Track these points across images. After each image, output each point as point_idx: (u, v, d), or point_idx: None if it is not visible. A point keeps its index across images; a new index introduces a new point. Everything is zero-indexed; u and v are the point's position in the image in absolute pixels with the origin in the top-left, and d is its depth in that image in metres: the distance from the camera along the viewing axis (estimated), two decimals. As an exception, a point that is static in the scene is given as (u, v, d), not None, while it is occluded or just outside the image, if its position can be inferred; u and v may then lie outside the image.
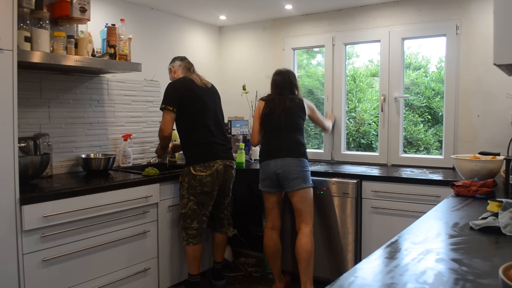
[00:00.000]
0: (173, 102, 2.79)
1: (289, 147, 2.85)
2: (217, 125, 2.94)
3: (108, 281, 2.54)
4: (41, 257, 2.20)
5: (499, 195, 2.04)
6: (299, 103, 2.99)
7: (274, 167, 2.83)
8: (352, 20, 3.63)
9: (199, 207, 2.81)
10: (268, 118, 2.95)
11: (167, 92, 2.85)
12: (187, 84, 2.86)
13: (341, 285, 0.98)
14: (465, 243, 1.31)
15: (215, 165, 2.81)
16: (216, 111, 2.98)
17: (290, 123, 2.91)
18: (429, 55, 4.19)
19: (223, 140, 2.94)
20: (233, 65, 4.32)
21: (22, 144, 2.55)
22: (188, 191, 2.79)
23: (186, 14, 3.88)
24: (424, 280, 1.00)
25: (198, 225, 2.82)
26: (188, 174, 2.78)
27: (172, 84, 2.88)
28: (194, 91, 2.85)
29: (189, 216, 2.80)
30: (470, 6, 3.12)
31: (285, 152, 2.83)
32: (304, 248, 2.79)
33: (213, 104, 2.96)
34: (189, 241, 2.82)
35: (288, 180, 2.80)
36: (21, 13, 2.31)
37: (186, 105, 2.81)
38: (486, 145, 3.06)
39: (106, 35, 2.89)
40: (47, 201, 2.21)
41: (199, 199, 2.79)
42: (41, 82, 2.84)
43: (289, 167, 2.80)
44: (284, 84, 3.00)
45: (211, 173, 2.78)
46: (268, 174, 2.87)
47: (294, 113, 2.94)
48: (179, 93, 2.80)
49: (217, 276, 3.09)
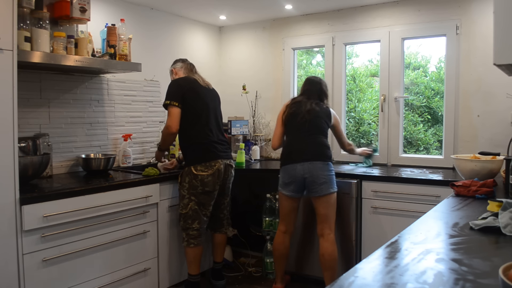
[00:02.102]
0: (177, 98, 2.76)
1: (316, 150, 2.77)
2: (217, 125, 2.94)
3: (108, 281, 2.54)
4: (41, 257, 2.20)
5: (499, 195, 2.04)
6: (325, 110, 2.93)
7: (302, 171, 2.73)
8: (352, 20, 3.63)
9: (200, 207, 2.80)
10: (292, 119, 2.87)
11: (171, 88, 2.82)
12: (190, 83, 2.86)
13: (341, 285, 0.98)
14: (465, 243, 1.31)
15: (216, 165, 2.79)
16: (216, 112, 2.98)
17: (315, 125, 2.83)
18: (428, 55, 4.19)
19: (223, 140, 2.94)
20: (233, 65, 4.32)
21: (22, 144, 2.55)
22: (189, 191, 2.77)
23: (186, 14, 3.88)
24: (424, 280, 1.00)
25: (199, 226, 2.81)
26: (189, 174, 2.77)
27: (176, 81, 2.87)
28: (196, 90, 2.84)
29: (190, 217, 2.79)
30: (470, 6, 3.12)
31: (312, 155, 2.74)
32: (333, 257, 2.74)
33: (214, 105, 2.96)
34: (189, 242, 2.80)
35: (316, 184, 2.72)
36: (21, 13, 2.31)
37: (189, 103, 2.80)
38: (486, 145, 3.06)
39: (106, 35, 2.89)
40: (47, 201, 2.21)
41: (200, 199, 2.78)
42: (41, 82, 2.84)
43: (317, 172, 2.71)
44: (313, 90, 2.95)
45: (212, 173, 2.77)
46: (294, 178, 2.76)
47: (320, 117, 2.86)
48: (182, 90, 2.79)
49: (217, 276, 3.08)
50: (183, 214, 2.80)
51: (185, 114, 2.80)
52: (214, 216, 3.02)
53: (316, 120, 2.84)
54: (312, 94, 2.94)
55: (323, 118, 2.87)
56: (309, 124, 2.82)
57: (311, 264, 3.15)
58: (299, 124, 2.83)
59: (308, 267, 3.16)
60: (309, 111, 2.83)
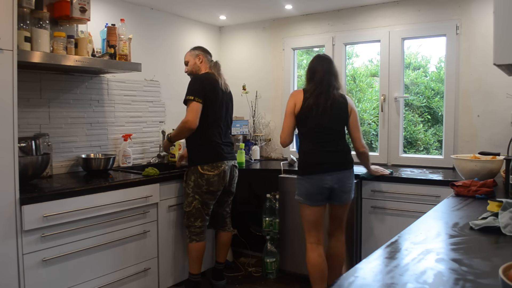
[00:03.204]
0: (201, 95, 2.73)
1: (342, 158, 2.55)
2: (227, 128, 2.98)
3: (108, 281, 2.54)
4: (41, 257, 2.20)
5: (499, 195, 2.04)
6: (344, 100, 2.58)
7: (330, 181, 2.50)
8: (352, 20, 3.63)
9: (203, 206, 2.83)
10: (310, 115, 2.52)
11: (195, 85, 2.78)
12: (212, 83, 2.85)
13: (341, 285, 0.98)
14: (465, 243, 1.31)
15: (222, 166, 2.82)
16: (228, 114, 2.99)
17: (336, 123, 2.56)
18: (428, 55, 4.19)
19: (229, 142, 2.97)
20: (233, 65, 4.32)
21: (22, 144, 2.55)
22: (193, 190, 2.80)
23: (186, 14, 3.88)
24: (424, 280, 1.00)
25: (201, 224, 2.85)
26: (195, 173, 2.79)
27: (200, 78, 2.84)
28: (217, 91, 2.85)
29: (193, 215, 2.82)
30: (470, 6, 3.12)
31: (340, 164, 2.53)
32: (342, 257, 2.72)
33: (227, 107, 2.97)
34: (192, 239, 2.84)
35: (342, 193, 2.56)
36: (21, 13, 2.31)
37: (208, 102, 2.78)
38: (486, 145, 3.06)
39: (106, 35, 2.89)
40: (47, 201, 2.21)
41: (204, 198, 2.81)
42: (41, 82, 2.84)
43: (344, 181, 2.54)
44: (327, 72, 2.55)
45: (218, 173, 2.80)
46: (322, 189, 2.51)
47: (340, 111, 2.56)
48: (205, 89, 2.77)
49: (217, 276, 3.09)
50: (187, 212, 2.83)
51: (203, 113, 2.78)
52: (217, 214, 3.05)
53: (337, 117, 2.55)
54: (327, 79, 2.54)
55: (343, 112, 2.57)
56: (330, 123, 2.53)
57: (311, 264, 3.14)
58: (319, 123, 2.52)
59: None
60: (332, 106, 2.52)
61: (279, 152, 4.04)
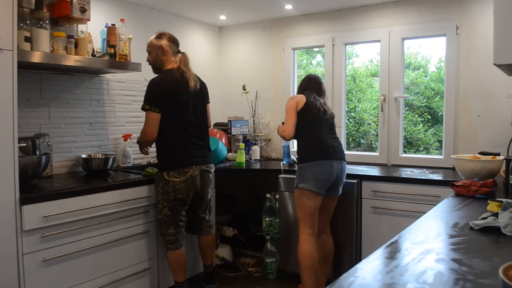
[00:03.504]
0: (158, 102, 2.57)
1: (341, 149, 2.77)
2: (198, 129, 2.75)
3: (108, 281, 2.54)
4: (41, 257, 2.20)
5: (499, 195, 2.04)
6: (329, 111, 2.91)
7: (337, 169, 2.68)
8: (352, 20, 3.63)
9: (173, 213, 2.69)
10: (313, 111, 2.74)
11: (151, 91, 2.59)
12: (172, 85, 2.62)
13: (341, 285, 0.98)
14: (465, 243, 1.31)
15: (189, 171, 2.64)
16: (197, 113, 2.75)
17: (333, 122, 2.84)
18: (428, 55, 4.19)
19: (201, 145, 2.75)
20: (233, 65, 4.32)
21: (22, 144, 2.55)
22: (162, 197, 2.66)
23: (186, 14, 3.88)
24: (424, 280, 1.00)
25: (175, 231, 2.70)
26: (162, 179, 2.64)
27: (156, 82, 2.61)
28: (178, 93, 2.63)
29: (164, 222, 2.68)
30: (470, 6, 3.12)
31: (342, 154, 2.75)
32: (333, 250, 2.90)
33: (196, 103, 2.74)
34: (168, 247, 2.70)
35: (340, 185, 2.75)
36: (21, 13, 2.31)
37: (168, 108, 2.60)
38: (486, 145, 3.06)
39: (106, 35, 2.89)
40: (47, 201, 2.21)
41: (173, 205, 2.66)
42: (41, 82, 2.84)
43: (344, 172, 2.75)
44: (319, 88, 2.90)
45: (185, 179, 2.63)
46: (331, 175, 2.65)
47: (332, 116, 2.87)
48: (163, 93, 2.58)
49: (208, 280, 3.00)
50: (159, 220, 2.71)
51: (163, 118, 2.62)
52: (192, 221, 2.91)
53: (332, 118, 2.85)
54: (319, 92, 2.88)
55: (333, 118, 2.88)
56: (329, 120, 2.79)
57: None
58: (322, 118, 2.76)
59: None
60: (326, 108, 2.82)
61: (279, 152, 4.04)
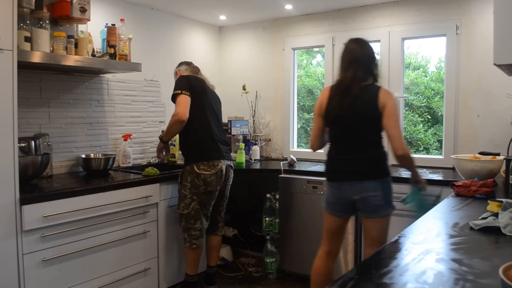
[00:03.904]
0: (187, 88, 2.71)
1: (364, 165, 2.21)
2: (219, 127, 2.92)
3: (108, 281, 2.54)
4: (41, 257, 2.20)
5: (499, 195, 2.04)
6: (371, 98, 2.18)
7: (350, 192, 2.23)
8: (352, 20, 3.63)
9: (202, 207, 2.76)
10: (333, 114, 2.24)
11: (180, 81, 2.77)
12: (199, 80, 2.86)
13: (341, 285, 0.98)
14: (465, 243, 1.31)
15: (219, 165, 2.75)
16: (219, 114, 2.98)
17: (364, 125, 2.21)
18: (428, 55, 4.19)
19: (225, 141, 2.92)
20: (233, 65, 4.32)
21: (22, 144, 2.55)
22: (191, 191, 2.72)
23: (186, 14, 3.88)
24: (424, 280, 1.00)
25: (201, 226, 2.78)
26: (191, 173, 2.71)
27: (185, 76, 2.84)
28: (204, 88, 2.85)
29: (192, 217, 2.74)
30: (470, 6, 3.12)
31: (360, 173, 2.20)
32: None
33: (216, 106, 2.95)
34: (192, 243, 2.75)
35: (365, 206, 2.23)
36: (21, 13, 2.31)
37: (196, 97, 2.75)
38: (486, 145, 3.06)
39: (106, 35, 2.89)
40: (47, 201, 2.21)
41: (202, 199, 2.74)
42: (41, 82, 2.84)
43: (366, 193, 2.20)
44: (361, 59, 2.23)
45: (215, 172, 2.72)
46: (340, 199, 2.28)
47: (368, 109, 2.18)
48: (191, 83, 2.76)
49: (209, 281, 3.03)
50: (185, 215, 2.74)
51: (191, 109, 2.71)
52: (211, 218, 2.95)
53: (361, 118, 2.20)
54: (352, 71, 2.22)
55: (369, 111, 2.18)
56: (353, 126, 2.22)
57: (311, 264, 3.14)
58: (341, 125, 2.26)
59: (308, 267, 3.16)
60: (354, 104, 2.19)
61: (279, 152, 4.04)
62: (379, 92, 2.20)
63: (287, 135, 3.99)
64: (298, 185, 3.17)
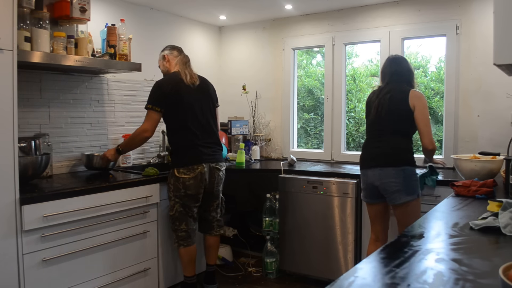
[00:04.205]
0: (160, 103, 2.70)
1: (387, 154, 2.49)
2: (204, 127, 2.81)
3: (108, 281, 2.54)
4: (41, 257, 2.20)
5: (499, 195, 2.04)
6: (403, 97, 2.50)
7: (372, 177, 2.52)
8: (352, 20, 3.63)
9: (185, 209, 2.76)
10: (367, 112, 2.64)
11: (154, 91, 2.74)
12: (175, 85, 2.74)
13: (341, 285, 0.98)
14: (465, 243, 1.31)
15: (199, 168, 2.72)
16: (204, 111, 2.83)
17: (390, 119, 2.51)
18: (428, 55, 4.19)
19: (210, 143, 2.83)
20: (233, 65, 4.32)
21: (22, 144, 2.55)
22: (174, 193, 2.73)
23: (186, 14, 3.88)
24: (424, 280, 1.00)
25: (187, 227, 2.77)
26: (173, 176, 2.73)
27: (160, 84, 2.76)
28: (180, 93, 2.74)
29: (177, 219, 2.76)
30: (470, 6, 3.12)
31: (383, 161, 2.48)
32: None
33: (200, 104, 2.82)
34: (180, 244, 2.78)
35: (386, 192, 2.49)
36: (21, 13, 2.31)
37: (171, 107, 2.72)
38: (486, 145, 3.06)
39: (106, 35, 2.89)
40: (47, 201, 2.21)
41: (184, 201, 2.73)
42: (41, 82, 2.84)
43: (386, 179, 2.46)
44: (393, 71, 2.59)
45: (194, 176, 2.70)
46: (366, 184, 2.59)
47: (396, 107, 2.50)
48: (165, 94, 2.71)
49: (209, 280, 3.02)
50: (171, 216, 2.78)
51: (169, 118, 2.76)
52: (203, 219, 2.95)
53: (393, 114, 2.51)
54: (394, 79, 2.58)
55: (401, 109, 2.50)
56: (382, 119, 2.54)
57: (311, 264, 3.15)
58: (372, 119, 2.60)
59: (309, 267, 3.17)
60: (381, 102, 2.53)
61: (279, 152, 4.04)
62: (410, 92, 2.52)
63: (287, 135, 3.99)
64: (298, 185, 3.17)
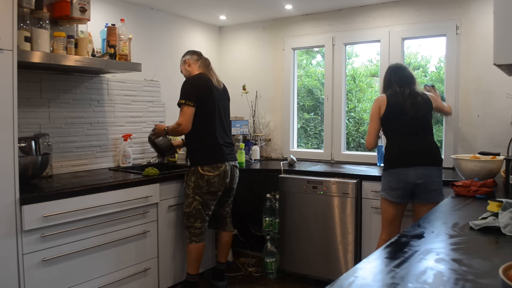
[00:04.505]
0: (193, 98, 2.75)
1: (429, 153, 2.59)
2: (224, 127, 2.95)
3: (108, 281, 2.54)
4: (41, 257, 2.20)
5: (499, 195, 2.04)
6: (425, 98, 2.70)
7: (414, 176, 2.54)
8: (352, 20, 3.63)
9: (204, 207, 2.82)
10: (394, 114, 2.65)
11: (186, 87, 2.81)
12: (205, 83, 2.85)
13: (341, 285, 0.98)
14: (465, 243, 1.31)
15: (222, 166, 2.82)
16: (225, 113, 2.98)
17: (422, 121, 2.64)
18: (428, 55, 4.19)
19: (229, 143, 2.96)
20: (233, 65, 4.32)
21: (22, 144, 2.55)
22: (194, 191, 2.79)
23: (186, 14, 3.88)
24: (424, 280, 1.00)
25: (201, 224, 2.84)
26: (196, 174, 2.79)
27: (191, 81, 2.85)
28: (210, 91, 2.84)
29: (192, 215, 2.82)
30: (470, 6, 3.12)
31: (426, 159, 2.56)
32: None
33: (224, 106, 2.97)
34: (192, 240, 2.83)
35: (428, 192, 2.55)
36: (21, 13, 2.31)
37: (201, 104, 2.79)
38: (486, 145, 3.06)
39: (106, 35, 2.89)
40: (47, 201, 2.21)
41: (205, 199, 2.81)
42: (41, 82, 2.84)
43: (430, 178, 2.54)
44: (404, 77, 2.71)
45: (218, 174, 2.80)
46: (404, 183, 2.56)
47: (424, 109, 2.65)
48: (197, 90, 2.78)
49: (218, 276, 3.08)
50: (187, 213, 2.83)
51: (196, 115, 2.80)
52: (217, 214, 3.05)
53: (421, 114, 2.64)
54: (406, 83, 2.70)
55: (426, 109, 2.68)
56: (415, 120, 2.62)
57: (311, 264, 3.15)
58: (404, 120, 2.63)
59: (308, 267, 3.17)
60: (413, 104, 2.63)
61: (279, 152, 4.04)
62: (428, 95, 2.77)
63: (287, 135, 3.99)
64: (298, 185, 3.17)
